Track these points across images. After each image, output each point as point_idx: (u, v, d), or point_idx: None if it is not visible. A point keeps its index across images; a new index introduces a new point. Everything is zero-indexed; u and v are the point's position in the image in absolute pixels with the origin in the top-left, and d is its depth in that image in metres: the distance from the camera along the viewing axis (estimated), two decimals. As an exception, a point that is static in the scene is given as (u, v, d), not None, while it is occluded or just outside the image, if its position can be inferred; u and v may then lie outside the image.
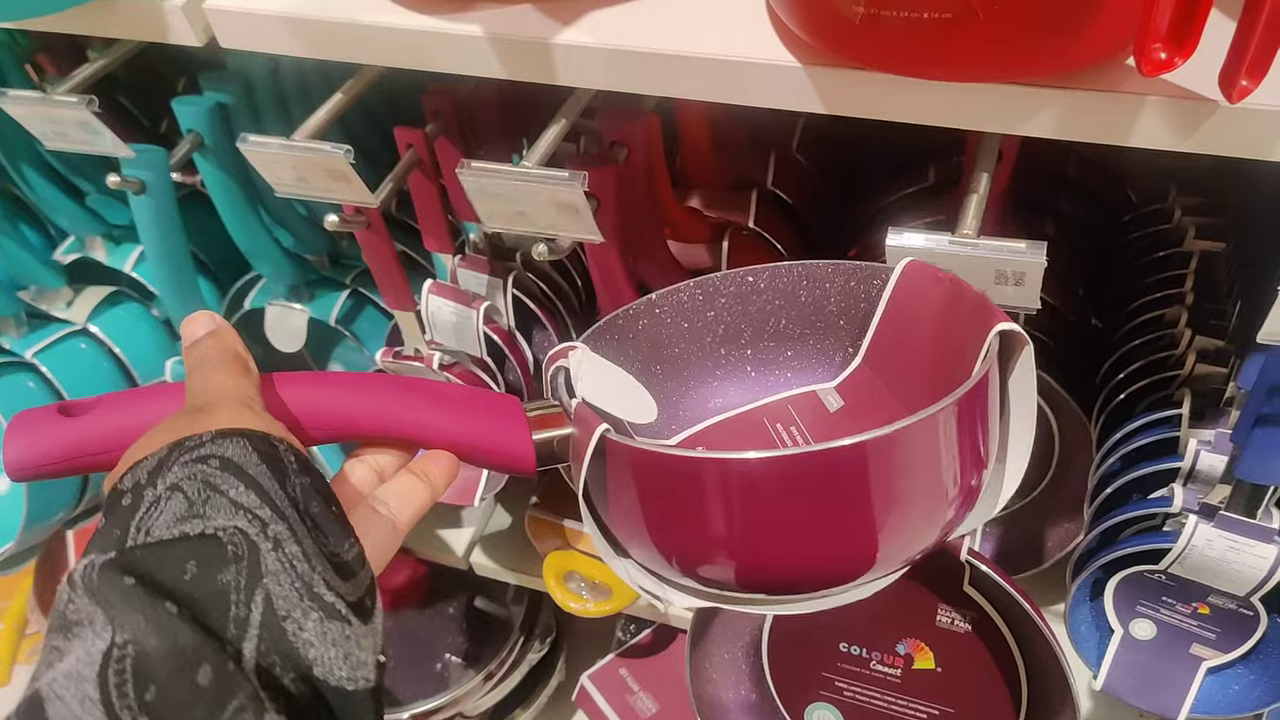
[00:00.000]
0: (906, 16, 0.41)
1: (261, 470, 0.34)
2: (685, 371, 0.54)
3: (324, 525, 0.35)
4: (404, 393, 0.45)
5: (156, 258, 0.78)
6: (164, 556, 0.30)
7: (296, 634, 0.31)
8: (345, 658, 0.32)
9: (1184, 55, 0.39)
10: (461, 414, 0.44)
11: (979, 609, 0.67)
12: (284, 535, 0.33)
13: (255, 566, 0.31)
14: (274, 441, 0.35)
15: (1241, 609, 0.62)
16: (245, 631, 0.30)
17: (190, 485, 0.32)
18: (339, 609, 0.33)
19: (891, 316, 0.51)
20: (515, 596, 1.17)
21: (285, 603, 0.31)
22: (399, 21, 0.55)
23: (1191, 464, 0.62)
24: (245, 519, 0.32)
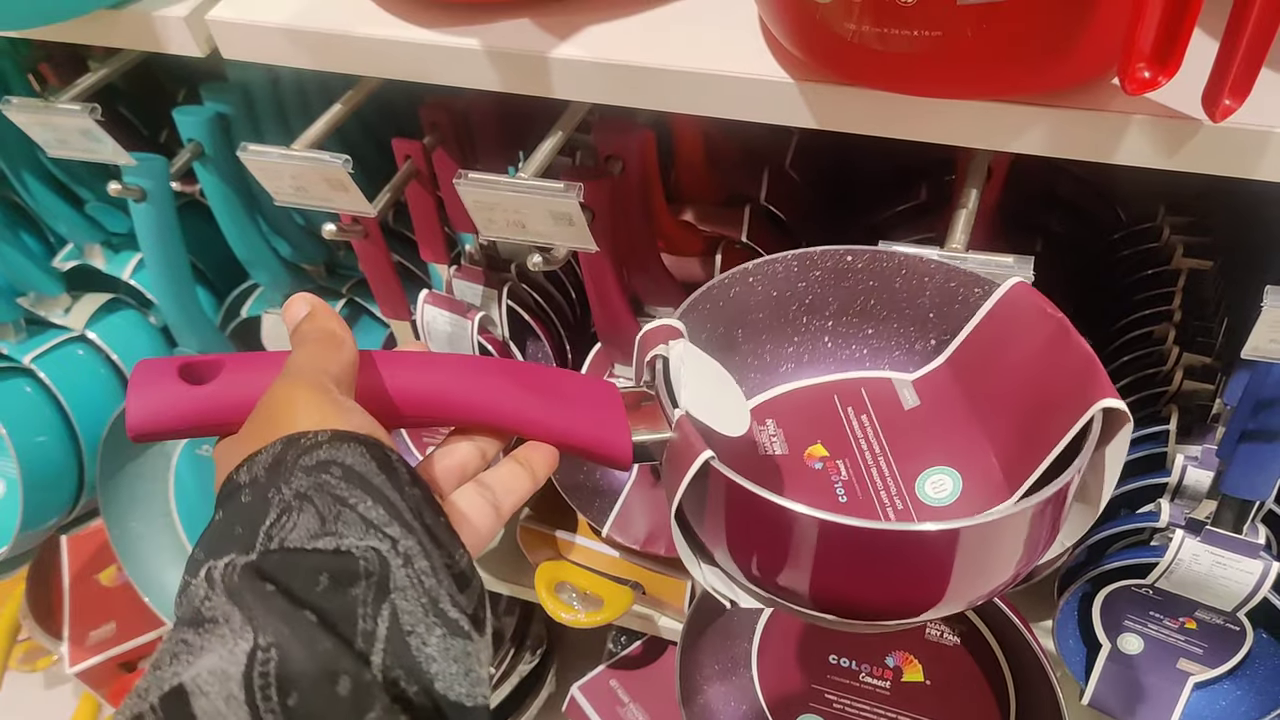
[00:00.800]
0: (898, 34, 0.42)
1: (383, 481, 0.34)
2: (764, 335, 0.52)
3: (439, 536, 0.35)
4: (506, 380, 0.43)
5: (156, 265, 0.79)
6: (300, 565, 0.31)
7: (420, 649, 0.31)
8: (466, 674, 0.32)
9: (1168, 74, 0.40)
10: (562, 406, 0.44)
11: (968, 622, 0.67)
12: (414, 551, 0.33)
13: (384, 582, 0.31)
14: (386, 451, 0.35)
15: (1228, 624, 0.63)
16: (372, 645, 0.30)
17: (319, 499, 0.32)
18: (462, 625, 0.33)
19: (988, 329, 0.49)
20: (506, 607, 1.17)
21: (410, 618, 0.31)
22: (397, 34, 0.56)
23: (1179, 479, 0.62)
24: (376, 537, 0.32)
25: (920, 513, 0.46)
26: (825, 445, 0.50)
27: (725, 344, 0.51)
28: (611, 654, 1.09)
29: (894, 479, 0.48)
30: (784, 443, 0.50)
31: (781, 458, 0.49)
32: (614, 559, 0.93)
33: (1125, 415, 0.41)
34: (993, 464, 0.47)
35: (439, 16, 0.56)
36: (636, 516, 0.89)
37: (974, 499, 0.46)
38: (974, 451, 0.47)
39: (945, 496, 0.47)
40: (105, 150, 0.68)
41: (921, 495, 0.47)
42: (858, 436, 0.50)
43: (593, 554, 0.94)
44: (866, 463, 0.49)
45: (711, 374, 0.46)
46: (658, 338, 0.46)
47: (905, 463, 0.48)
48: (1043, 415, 0.43)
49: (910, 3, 0.41)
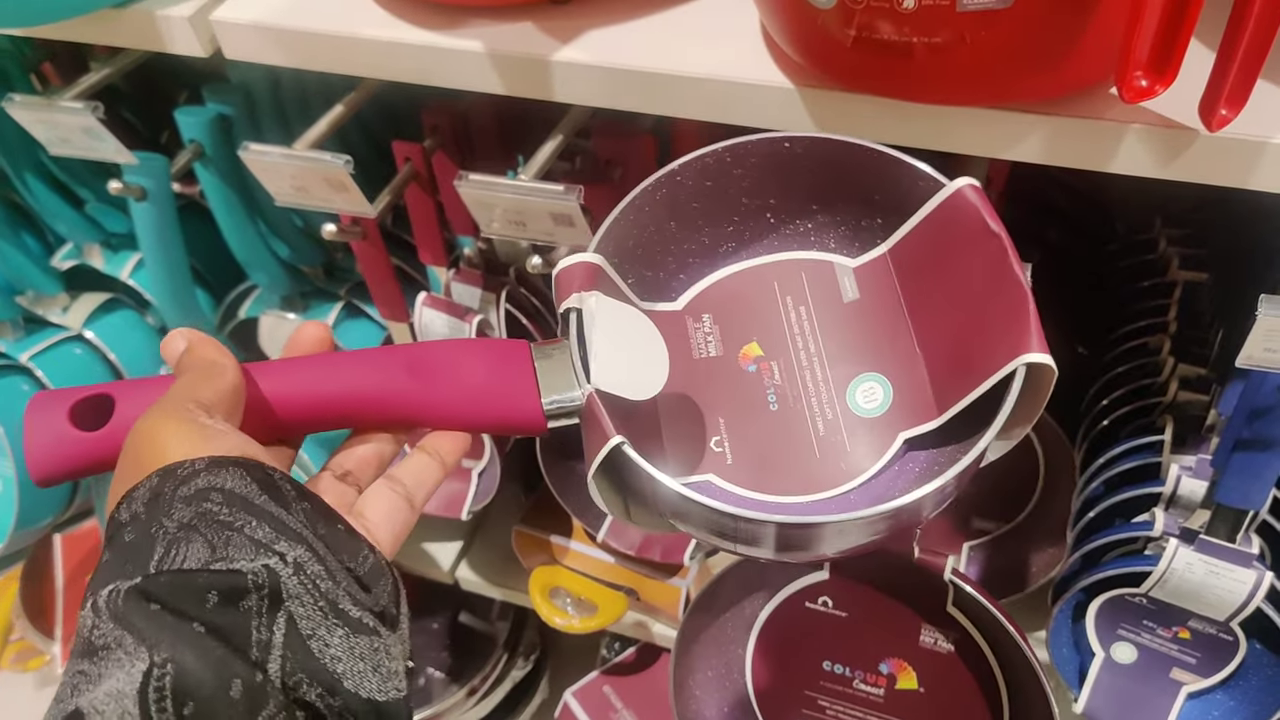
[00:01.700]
0: (897, 41, 0.43)
1: (266, 500, 0.34)
2: (700, 221, 0.49)
3: (335, 543, 0.35)
4: (393, 374, 0.42)
5: (155, 265, 0.79)
6: (188, 585, 0.31)
7: (323, 650, 0.32)
8: (374, 670, 0.33)
9: (1164, 83, 0.40)
10: (460, 387, 0.42)
11: (962, 629, 0.67)
12: (305, 559, 0.33)
13: (276, 593, 0.31)
14: (267, 470, 0.35)
15: (1221, 634, 0.63)
16: (268, 653, 0.30)
17: (205, 527, 0.32)
18: (365, 623, 0.33)
19: (930, 228, 0.46)
20: (500, 612, 1.17)
21: (309, 622, 0.32)
22: (401, 36, 0.56)
23: (1173, 489, 0.63)
24: (266, 555, 0.32)
25: (848, 425, 0.46)
26: (761, 344, 0.48)
27: (658, 239, 0.48)
28: (605, 660, 1.09)
29: (827, 384, 0.47)
30: (719, 342, 0.48)
31: (715, 360, 0.48)
32: (609, 565, 0.93)
33: (1051, 372, 0.41)
34: (924, 378, 0.45)
35: (442, 19, 0.57)
36: (632, 522, 0.89)
37: (903, 413, 0.45)
38: (907, 361, 0.46)
39: (875, 407, 0.46)
40: (107, 149, 0.68)
41: (852, 404, 0.46)
42: (794, 333, 0.48)
43: (587, 559, 0.94)
44: (800, 364, 0.47)
45: (628, 326, 0.44)
46: (573, 279, 0.43)
47: (839, 365, 0.47)
48: (975, 341, 0.43)
49: (910, 8, 0.41)
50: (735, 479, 0.46)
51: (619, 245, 0.46)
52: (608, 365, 0.41)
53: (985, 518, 0.86)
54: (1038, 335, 0.40)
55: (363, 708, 0.32)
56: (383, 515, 0.40)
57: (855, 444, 0.46)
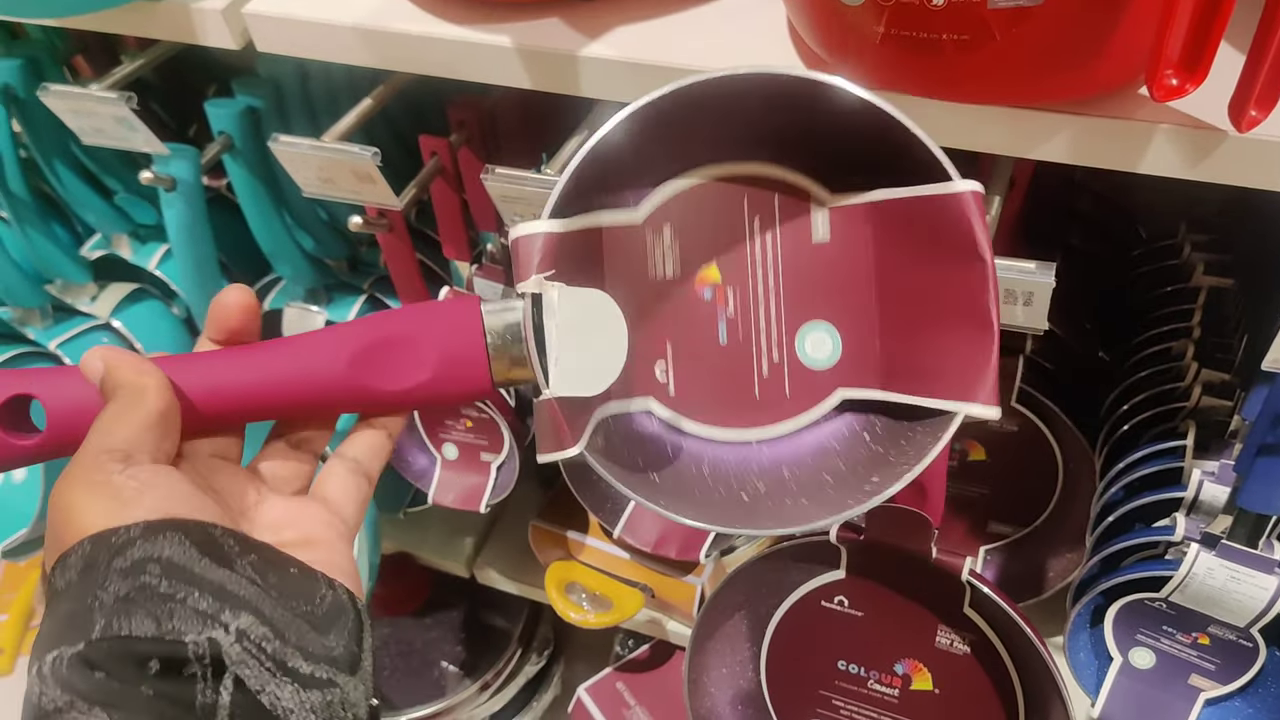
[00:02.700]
0: (925, 38, 0.43)
1: (208, 565, 0.33)
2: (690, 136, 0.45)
3: (288, 590, 0.34)
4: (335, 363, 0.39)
5: (183, 255, 0.80)
6: (129, 651, 0.30)
7: (274, 704, 0.31)
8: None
9: (1195, 82, 0.40)
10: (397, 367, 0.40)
11: (979, 631, 0.67)
12: (248, 624, 0.32)
13: (219, 660, 0.31)
14: (208, 529, 0.34)
15: (1241, 640, 0.62)
16: (214, 715, 0.30)
17: (146, 602, 0.31)
18: (318, 676, 0.33)
19: (919, 212, 0.43)
20: (515, 607, 1.17)
21: (257, 680, 0.32)
22: (431, 30, 0.57)
23: (1195, 494, 0.62)
24: (211, 627, 0.32)
25: (792, 371, 0.46)
26: (720, 268, 0.46)
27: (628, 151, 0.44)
28: (619, 657, 1.09)
29: (779, 324, 0.46)
30: (677, 261, 0.46)
31: (671, 282, 0.46)
32: (624, 561, 0.93)
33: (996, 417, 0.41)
34: (876, 348, 0.45)
35: (472, 14, 0.57)
36: (648, 519, 0.90)
37: (847, 371, 0.45)
38: (864, 324, 0.45)
39: (823, 360, 0.46)
40: (139, 139, 0.69)
41: (800, 351, 0.46)
42: (756, 261, 0.46)
43: (603, 555, 0.94)
44: (757, 297, 0.46)
45: (588, 313, 0.42)
46: (532, 253, 0.41)
47: (795, 308, 0.46)
48: (932, 349, 0.42)
49: (939, 6, 0.41)
50: (674, 407, 0.46)
51: (584, 181, 0.43)
52: (565, 368, 0.40)
53: (1003, 521, 0.86)
54: (991, 386, 0.40)
55: None
56: (344, 492, 0.41)
57: (795, 392, 0.46)
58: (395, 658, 1.16)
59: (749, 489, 0.45)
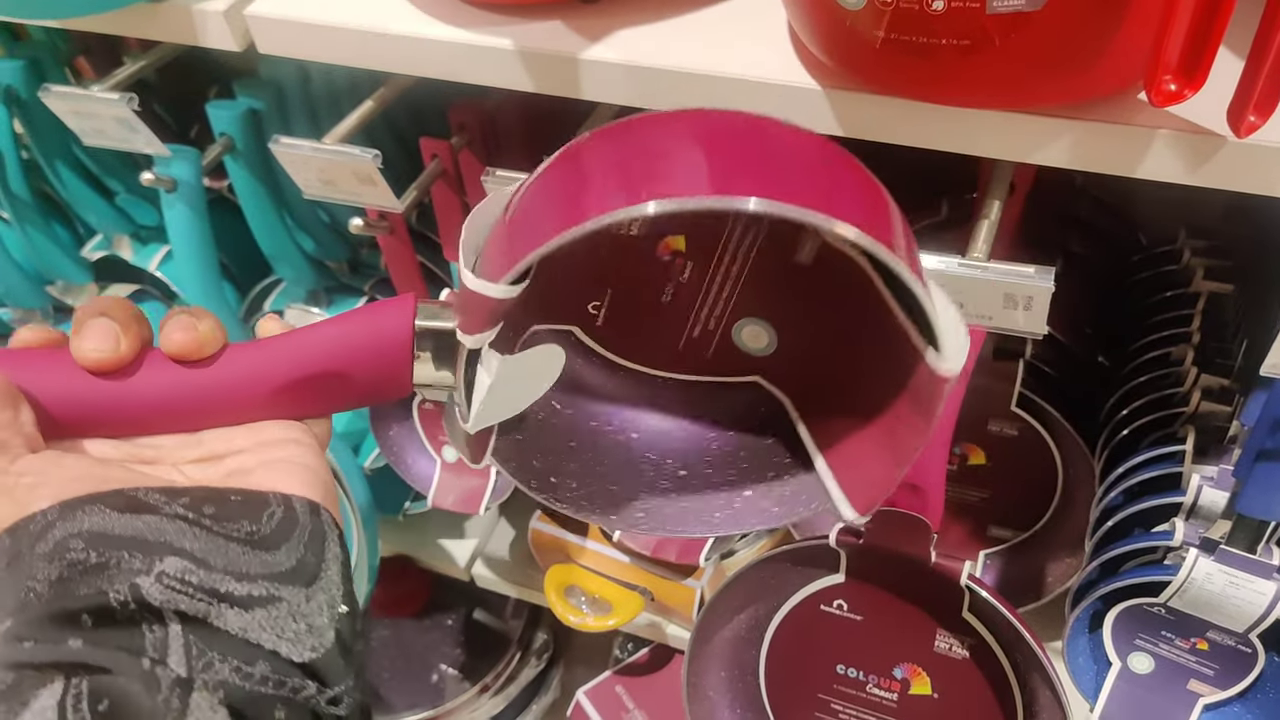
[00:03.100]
0: (925, 42, 0.43)
1: (128, 522, 0.32)
2: None
3: (226, 515, 0.33)
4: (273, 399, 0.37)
5: (183, 256, 0.80)
6: (55, 614, 0.30)
7: (227, 625, 0.31)
8: (279, 637, 0.32)
9: (1194, 87, 0.40)
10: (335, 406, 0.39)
11: (978, 636, 0.67)
12: (167, 565, 0.31)
13: (143, 601, 0.30)
14: (125, 492, 0.32)
15: (1240, 646, 0.62)
16: (167, 648, 0.30)
17: (79, 576, 0.30)
18: (258, 594, 0.32)
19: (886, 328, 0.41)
20: (514, 610, 1.17)
21: (197, 609, 0.31)
22: (432, 32, 0.57)
23: (1194, 499, 0.62)
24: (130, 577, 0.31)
25: (721, 344, 0.47)
26: (689, 241, 0.46)
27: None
28: (618, 660, 1.09)
29: (725, 306, 0.46)
30: (648, 225, 0.46)
31: (634, 239, 0.46)
32: (624, 564, 0.93)
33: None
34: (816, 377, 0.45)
35: (473, 17, 0.57)
36: (648, 522, 0.90)
37: (772, 367, 0.47)
38: (811, 348, 0.46)
39: (755, 348, 0.47)
40: (140, 140, 0.69)
41: (735, 335, 0.47)
42: (727, 251, 0.46)
43: (603, 558, 0.94)
44: (713, 279, 0.46)
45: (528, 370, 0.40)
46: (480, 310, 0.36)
47: (746, 302, 0.46)
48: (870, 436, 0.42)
49: (940, 10, 0.41)
50: (597, 338, 0.47)
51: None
52: (486, 411, 0.39)
53: (1003, 526, 0.86)
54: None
55: (292, 669, 0.32)
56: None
57: (715, 356, 0.47)
58: (394, 660, 1.16)
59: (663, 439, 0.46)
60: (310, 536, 0.35)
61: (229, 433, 0.38)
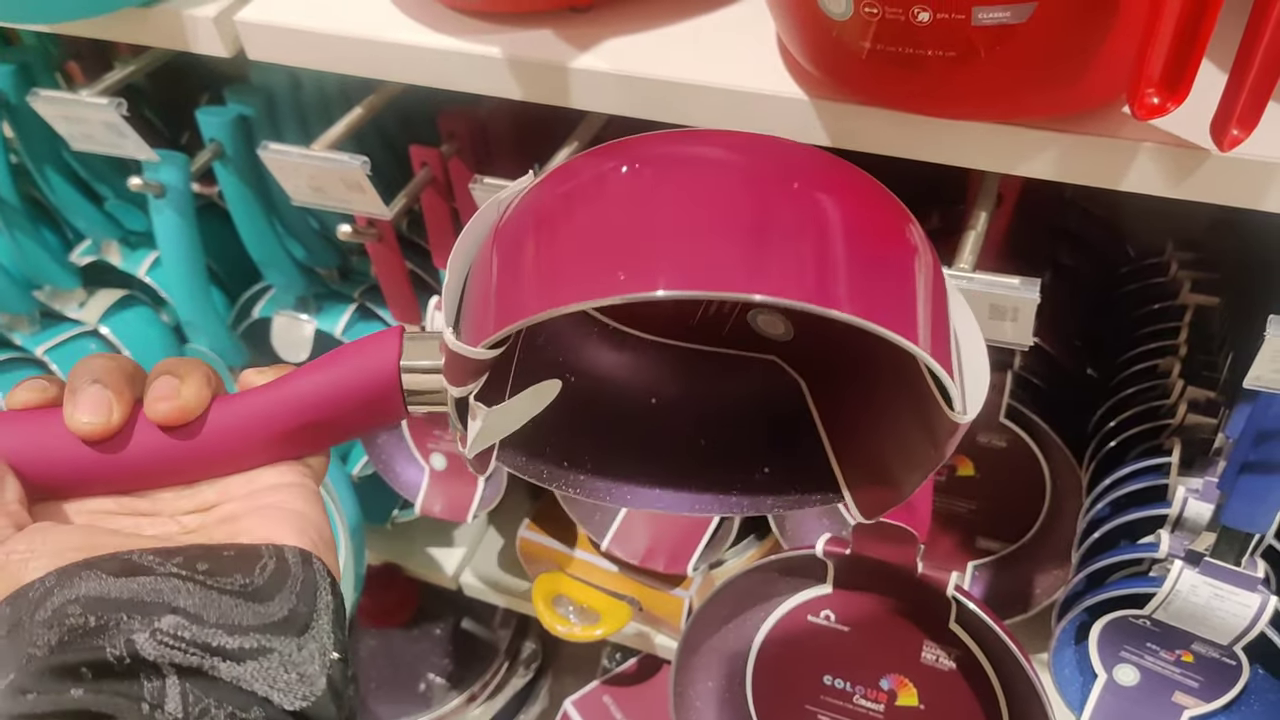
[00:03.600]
0: (911, 54, 0.43)
1: (124, 585, 0.32)
2: None
3: (220, 570, 0.34)
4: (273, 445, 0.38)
5: (172, 262, 0.80)
6: (57, 666, 0.30)
7: (217, 672, 0.32)
8: (272, 686, 0.32)
9: (1176, 101, 0.40)
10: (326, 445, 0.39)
11: (964, 647, 0.67)
12: (158, 624, 0.32)
13: (137, 656, 0.31)
14: (122, 558, 0.33)
15: (1225, 658, 0.62)
16: (164, 695, 0.30)
17: (77, 640, 0.31)
18: (247, 647, 0.33)
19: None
20: (503, 620, 1.17)
21: (192, 659, 0.32)
22: (422, 40, 0.57)
23: (1179, 511, 0.62)
24: (131, 634, 0.31)
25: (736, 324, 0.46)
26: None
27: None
28: (606, 670, 1.08)
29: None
30: None
31: None
32: (612, 574, 0.93)
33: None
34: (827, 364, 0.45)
35: (463, 25, 0.57)
36: (637, 531, 0.90)
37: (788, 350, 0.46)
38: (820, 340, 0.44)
39: (771, 333, 0.46)
40: (129, 145, 0.69)
41: (751, 319, 0.46)
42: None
43: (591, 568, 0.94)
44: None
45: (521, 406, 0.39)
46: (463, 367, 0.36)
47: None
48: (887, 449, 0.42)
49: (925, 22, 0.41)
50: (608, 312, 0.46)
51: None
52: (483, 435, 0.38)
53: (991, 537, 0.86)
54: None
55: (284, 717, 0.32)
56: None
57: (733, 335, 0.45)
58: (382, 669, 1.15)
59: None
60: (303, 586, 0.35)
61: (224, 481, 0.39)
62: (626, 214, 0.33)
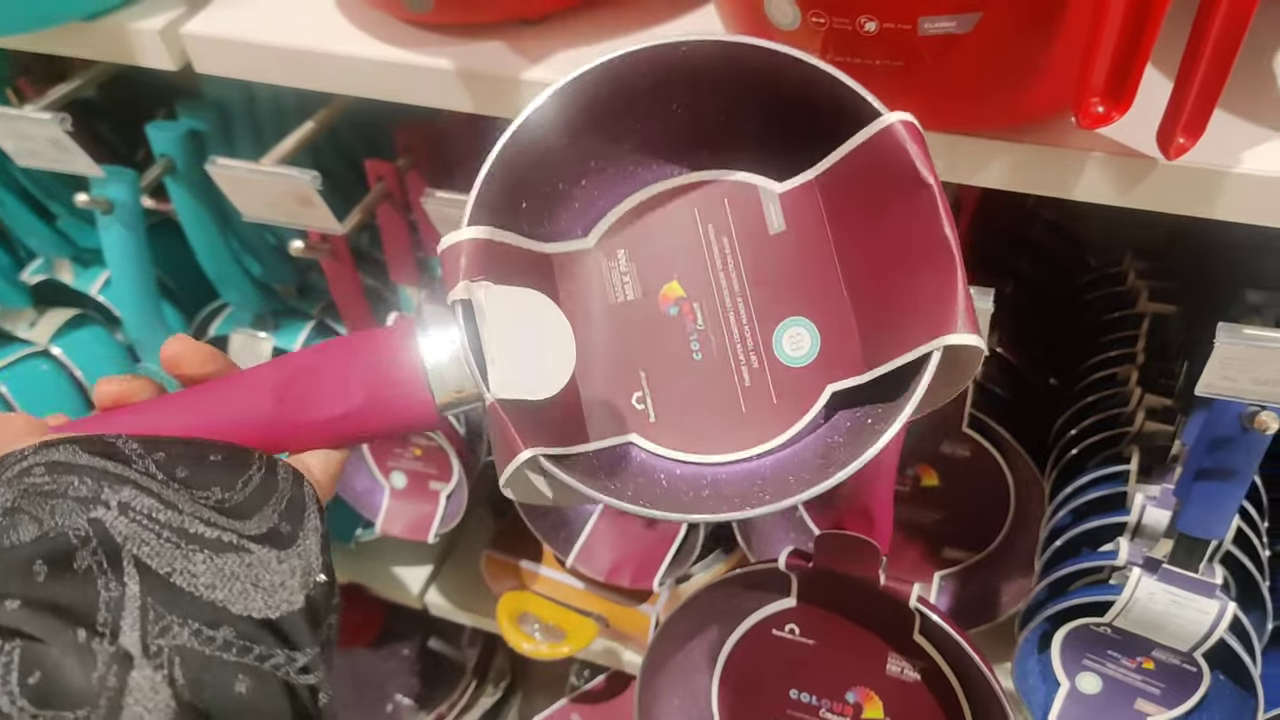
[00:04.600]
0: (859, 63, 0.43)
1: (96, 460, 0.31)
2: (604, 130, 0.44)
3: (199, 478, 0.33)
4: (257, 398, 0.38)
5: (121, 279, 0.78)
6: (7, 563, 0.29)
7: (191, 582, 0.30)
8: (255, 585, 0.31)
9: (1121, 110, 0.40)
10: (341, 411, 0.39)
11: (929, 658, 0.66)
12: (129, 496, 0.31)
13: (109, 540, 0.29)
14: (107, 440, 0.32)
15: (1185, 665, 0.62)
16: (121, 612, 0.29)
17: (29, 503, 0.30)
18: (225, 540, 0.31)
19: (859, 163, 0.41)
20: (470, 639, 1.15)
21: (162, 559, 0.30)
22: (370, 53, 0.56)
23: (1138, 518, 0.63)
24: (91, 509, 0.30)
25: (775, 374, 0.43)
26: (682, 283, 0.45)
27: (556, 158, 0.43)
28: (574, 688, 1.07)
29: (752, 328, 0.44)
30: (637, 282, 0.45)
31: (633, 304, 0.44)
32: (578, 590, 0.92)
33: (976, 350, 0.37)
34: (853, 326, 0.43)
35: (414, 37, 0.57)
36: (601, 547, 0.89)
37: (830, 363, 0.43)
38: (835, 307, 0.43)
39: (803, 356, 0.43)
40: (75, 161, 0.68)
41: (779, 351, 0.44)
42: (718, 269, 0.44)
43: (557, 585, 0.93)
44: (725, 305, 0.44)
45: (525, 314, 0.41)
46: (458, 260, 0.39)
47: (765, 307, 0.44)
48: (903, 301, 0.40)
49: (872, 32, 0.41)
50: (659, 439, 0.44)
51: (509, 181, 0.42)
52: (506, 369, 0.38)
53: (957, 547, 0.86)
54: (965, 314, 0.37)
55: (257, 629, 0.31)
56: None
57: (781, 396, 0.43)
58: (347, 690, 1.13)
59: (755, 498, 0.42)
60: (289, 505, 0.34)
61: None
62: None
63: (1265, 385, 0.46)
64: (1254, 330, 0.45)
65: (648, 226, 0.45)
